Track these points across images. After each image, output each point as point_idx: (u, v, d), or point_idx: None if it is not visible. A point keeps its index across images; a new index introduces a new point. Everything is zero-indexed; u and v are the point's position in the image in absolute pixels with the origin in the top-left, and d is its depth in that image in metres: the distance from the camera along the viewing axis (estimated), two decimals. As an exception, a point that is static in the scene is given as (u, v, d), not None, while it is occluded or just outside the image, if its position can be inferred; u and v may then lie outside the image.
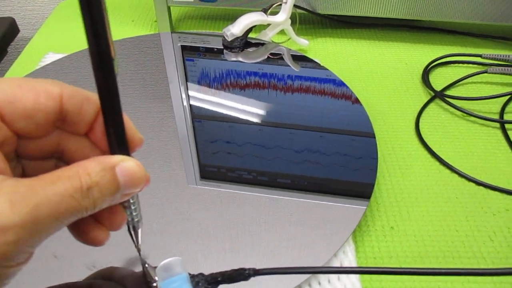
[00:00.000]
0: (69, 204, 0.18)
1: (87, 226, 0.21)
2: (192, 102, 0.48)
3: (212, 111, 0.47)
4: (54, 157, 0.22)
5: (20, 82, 0.20)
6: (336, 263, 0.34)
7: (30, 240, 0.17)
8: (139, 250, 0.24)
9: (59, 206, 0.17)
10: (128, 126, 0.22)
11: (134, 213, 0.23)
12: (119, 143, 0.21)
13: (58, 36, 0.62)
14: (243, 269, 0.23)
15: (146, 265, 0.25)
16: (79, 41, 0.59)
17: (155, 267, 0.25)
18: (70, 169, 0.19)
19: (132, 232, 0.24)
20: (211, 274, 0.24)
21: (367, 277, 0.33)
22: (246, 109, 0.47)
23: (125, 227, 0.23)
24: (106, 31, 0.19)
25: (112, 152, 0.21)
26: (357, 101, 0.47)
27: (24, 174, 0.21)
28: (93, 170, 0.19)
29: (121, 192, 0.20)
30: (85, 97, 0.21)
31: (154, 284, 0.25)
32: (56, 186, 0.18)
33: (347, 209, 0.36)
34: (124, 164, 0.20)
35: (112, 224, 0.22)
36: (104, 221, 0.22)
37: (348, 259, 0.34)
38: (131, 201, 0.22)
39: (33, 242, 0.18)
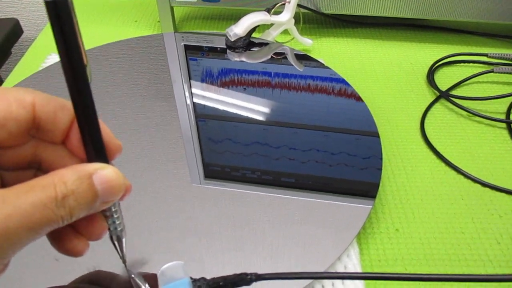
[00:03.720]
0: (43, 214, 0.17)
1: (65, 236, 0.21)
2: (195, 102, 0.47)
3: (215, 110, 0.47)
4: (32, 167, 0.22)
5: None
6: (340, 266, 0.33)
7: (2, 252, 0.17)
8: (124, 261, 0.24)
9: (32, 217, 0.17)
10: (105, 133, 0.21)
11: (116, 222, 0.22)
12: (96, 150, 0.21)
13: (62, 36, 0.62)
14: (245, 274, 0.23)
15: (133, 276, 0.25)
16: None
17: (143, 274, 0.25)
18: (45, 178, 0.18)
19: (116, 243, 0.23)
20: (213, 279, 0.24)
21: (371, 281, 0.33)
22: (250, 108, 0.47)
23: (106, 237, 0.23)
24: (77, 38, 0.18)
25: (90, 160, 0.21)
26: (361, 100, 0.47)
27: (2, 185, 0.21)
28: (69, 178, 0.18)
29: (99, 201, 0.19)
30: (59, 104, 0.20)
31: None
32: (29, 196, 0.17)
33: (352, 210, 0.36)
34: (102, 172, 0.19)
35: (92, 234, 0.21)
36: (83, 230, 0.21)
37: (352, 262, 0.34)
38: (113, 209, 0.22)
39: (5, 254, 0.17)
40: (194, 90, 0.49)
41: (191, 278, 0.24)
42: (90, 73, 0.18)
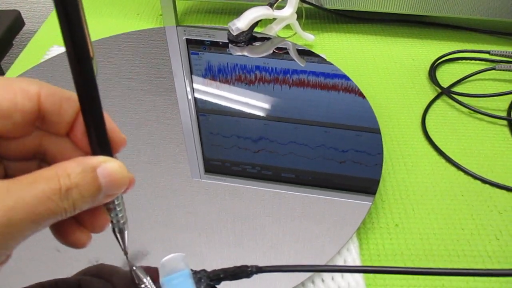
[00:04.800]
0: (46, 206, 0.17)
1: (68, 228, 0.21)
2: (196, 96, 0.47)
3: (216, 105, 0.47)
4: (36, 158, 0.22)
5: None
6: (339, 260, 0.34)
7: (5, 243, 0.17)
8: (126, 253, 0.24)
9: (35, 209, 0.17)
10: (110, 126, 0.21)
11: (119, 215, 0.22)
12: (100, 143, 0.20)
13: (63, 29, 0.62)
14: (246, 267, 0.23)
15: (134, 268, 0.25)
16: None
17: (144, 268, 0.25)
18: (49, 170, 0.18)
19: (118, 235, 0.23)
20: (214, 271, 0.24)
21: (370, 275, 0.33)
22: (251, 103, 0.47)
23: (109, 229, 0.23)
24: (83, 30, 0.18)
25: (94, 153, 0.21)
26: (362, 96, 0.47)
27: (6, 175, 0.21)
28: (73, 171, 0.18)
29: (102, 194, 0.19)
30: (64, 96, 0.20)
31: (142, 286, 0.25)
32: (33, 188, 0.17)
33: (352, 205, 0.36)
34: (106, 165, 0.19)
35: (94, 226, 0.21)
36: (85, 223, 0.21)
37: (352, 256, 0.34)
38: (116, 202, 0.22)
39: (8, 245, 0.17)
40: (195, 85, 0.49)
41: (192, 270, 0.24)
42: (96, 65, 0.18)
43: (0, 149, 0.20)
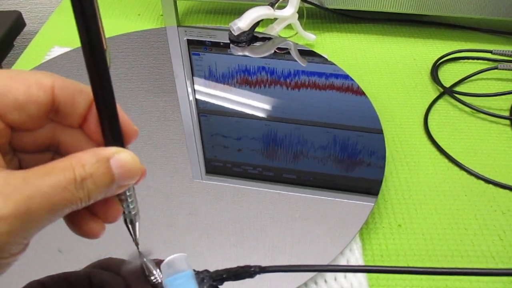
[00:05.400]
0: (63, 196, 0.18)
1: (82, 218, 0.21)
2: (198, 97, 0.47)
3: (218, 105, 0.46)
4: (50, 150, 0.22)
5: (11, 73, 0.19)
6: (342, 261, 0.33)
7: (23, 232, 0.17)
8: (137, 244, 0.24)
9: (52, 198, 0.17)
10: (123, 118, 0.21)
11: (131, 206, 0.23)
12: (113, 135, 0.21)
13: (64, 30, 0.62)
14: (249, 267, 0.23)
15: (145, 259, 0.25)
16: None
17: (154, 260, 0.25)
18: (64, 161, 0.18)
19: (130, 226, 0.24)
20: (216, 271, 0.23)
21: (374, 275, 0.33)
22: (252, 104, 0.47)
23: (121, 220, 0.23)
24: (97, 22, 0.18)
25: (107, 144, 0.21)
26: (364, 96, 0.47)
27: (20, 167, 0.21)
28: (87, 161, 0.19)
29: (116, 184, 0.20)
30: (77, 88, 0.21)
31: (152, 278, 0.25)
32: (50, 178, 0.18)
33: (354, 206, 0.36)
34: (119, 156, 0.20)
35: (107, 216, 0.22)
36: (99, 213, 0.21)
37: (355, 256, 0.34)
38: (127, 193, 0.22)
39: (26, 234, 0.18)
40: (196, 85, 0.49)
41: (194, 270, 0.24)
42: (110, 58, 0.19)
43: (14, 141, 0.21)
